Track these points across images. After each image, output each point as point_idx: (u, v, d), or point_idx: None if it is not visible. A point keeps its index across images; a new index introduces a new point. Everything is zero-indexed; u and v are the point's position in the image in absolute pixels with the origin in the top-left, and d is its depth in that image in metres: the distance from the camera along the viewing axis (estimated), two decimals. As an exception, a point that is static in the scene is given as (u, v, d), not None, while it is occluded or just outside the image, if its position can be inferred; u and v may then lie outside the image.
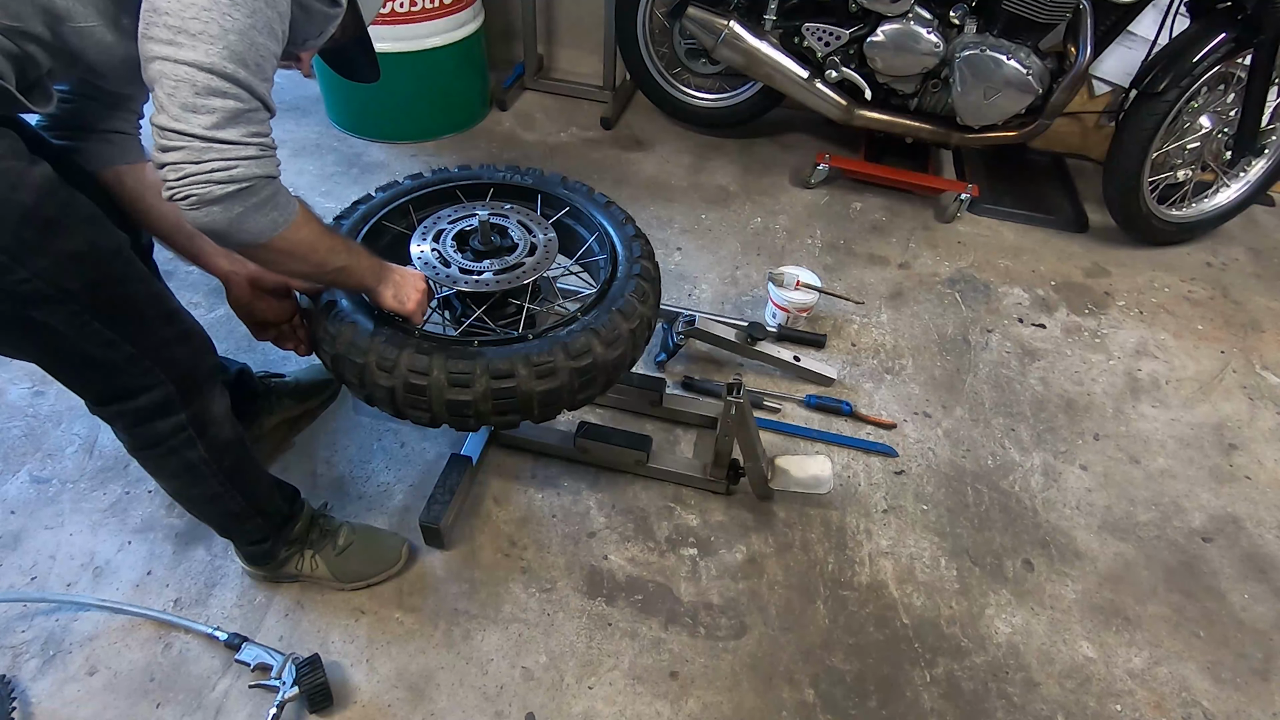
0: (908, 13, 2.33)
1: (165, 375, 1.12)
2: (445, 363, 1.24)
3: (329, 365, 1.35)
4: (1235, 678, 1.49)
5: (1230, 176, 2.51)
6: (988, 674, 1.46)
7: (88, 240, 0.99)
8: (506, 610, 1.51)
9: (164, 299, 1.13)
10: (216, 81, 0.87)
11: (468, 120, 2.99)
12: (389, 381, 1.26)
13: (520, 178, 1.64)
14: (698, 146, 2.95)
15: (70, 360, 1.07)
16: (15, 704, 1.32)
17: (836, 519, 1.70)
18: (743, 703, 1.40)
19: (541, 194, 1.61)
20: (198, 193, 0.89)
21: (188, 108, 0.86)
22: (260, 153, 0.93)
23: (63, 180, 0.98)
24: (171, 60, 0.85)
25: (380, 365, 1.26)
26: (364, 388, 1.30)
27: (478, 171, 1.65)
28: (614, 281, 1.42)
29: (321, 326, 1.33)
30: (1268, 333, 2.28)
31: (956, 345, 2.15)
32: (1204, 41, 2.16)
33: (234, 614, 1.48)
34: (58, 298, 0.98)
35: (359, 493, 1.70)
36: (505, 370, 1.25)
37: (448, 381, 1.24)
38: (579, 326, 1.32)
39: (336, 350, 1.30)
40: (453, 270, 1.39)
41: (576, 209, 1.59)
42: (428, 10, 2.57)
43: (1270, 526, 1.75)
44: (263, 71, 0.92)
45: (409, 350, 1.25)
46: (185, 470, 1.23)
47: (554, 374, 1.27)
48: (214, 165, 0.89)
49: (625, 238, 1.51)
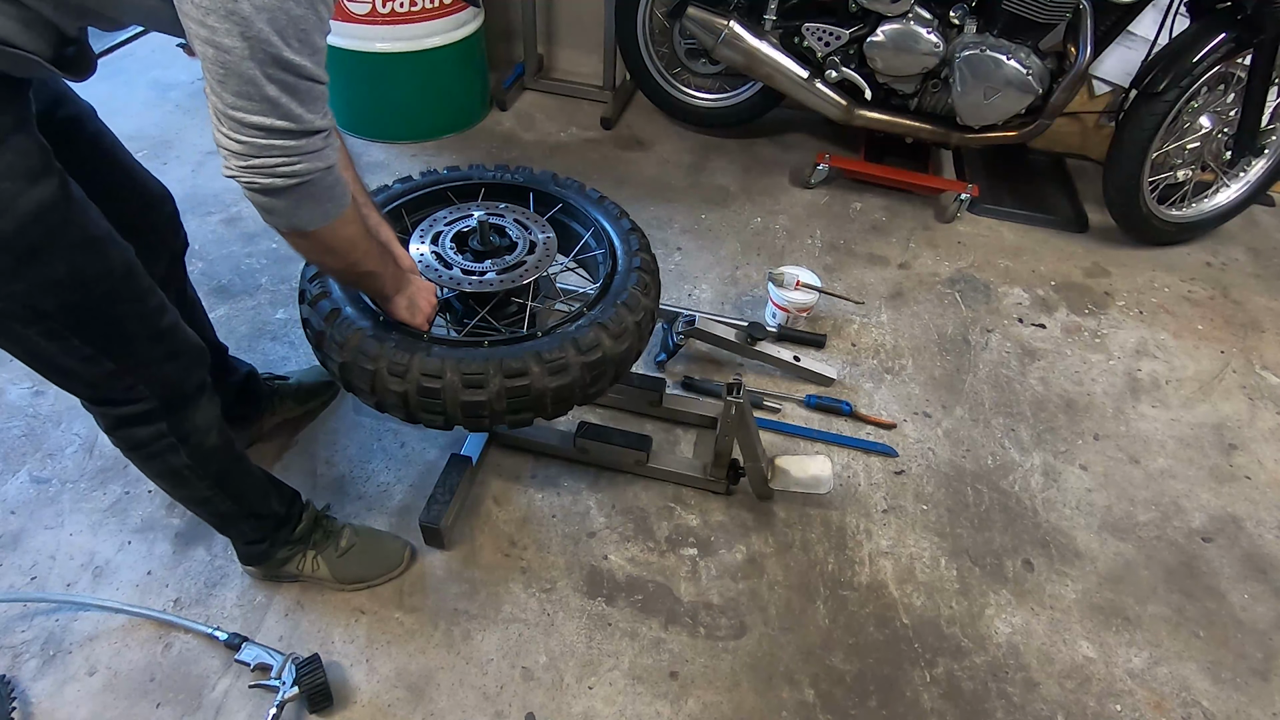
0: (908, 13, 2.33)
1: (149, 391, 1.11)
2: (458, 364, 1.24)
3: (336, 373, 1.34)
4: (1235, 678, 1.49)
5: (1230, 176, 2.51)
6: (988, 674, 1.46)
7: (71, 267, 0.95)
8: (506, 610, 1.51)
9: (156, 317, 1.09)
10: (260, 70, 0.81)
11: (468, 120, 2.99)
12: (401, 386, 1.25)
13: (511, 176, 1.63)
14: (698, 146, 2.95)
15: (50, 368, 1.06)
16: (15, 704, 1.32)
17: (836, 519, 1.70)
18: (743, 703, 1.40)
19: (534, 191, 1.61)
20: (261, 182, 0.88)
21: (241, 95, 0.82)
22: (323, 143, 0.90)
23: (68, 199, 0.94)
24: (213, 45, 0.79)
25: (392, 370, 1.25)
26: (375, 394, 1.29)
27: (468, 172, 1.65)
28: (615, 275, 1.42)
29: (327, 335, 1.32)
30: (1268, 333, 2.28)
31: (956, 345, 2.15)
32: (1204, 41, 2.16)
33: (234, 614, 1.48)
34: (30, 317, 0.96)
35: (359, 493, 1.70)
36: (518, 369, 1.25)
37: (462, 383, 1.24)
38: (586, 321, 1.32)
39: (344, 358, 1.29)
40: (455, 272, 1.39)
41: (570, 205, 1.59)
42: (428, 10, 2.57)
43: (1270, 526, 1.75)
44: (310, 43, 0.84)
45: (420, 354, 1.25)
46: (170, 473, 1.23)
47: (566, 370, 1.27)
48: (276, 161, 0.87)
49: (622, 231, 1.51)
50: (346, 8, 2.49)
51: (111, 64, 3.18)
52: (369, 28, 2.54)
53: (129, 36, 3.33)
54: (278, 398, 1.76)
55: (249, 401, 1.70)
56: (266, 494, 1.40)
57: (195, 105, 2.96)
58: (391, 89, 2.73)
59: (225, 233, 2.36)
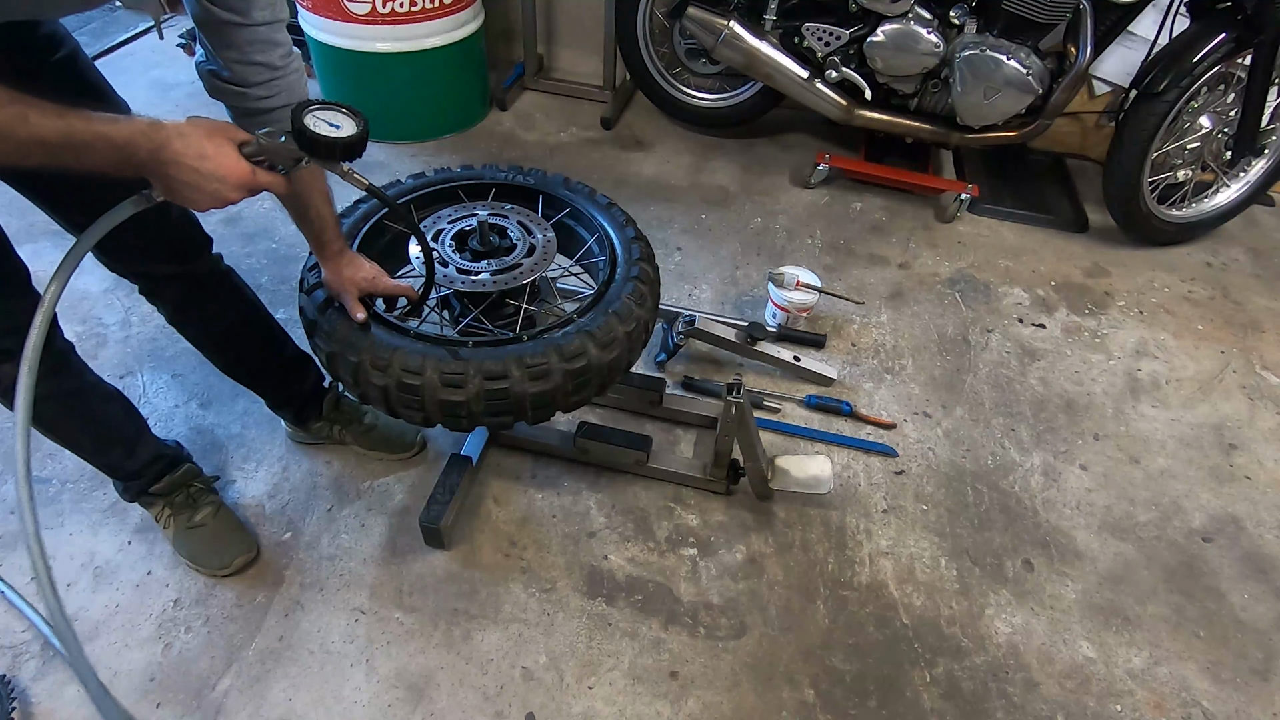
0: (908, 13, 2.33)
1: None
2: (439, 363, 1.24)
3: (324, 362, 1.35)
4: (1235, 678, 1.49)
5: (1230, 176, 2.51)
6: (988, 674, 1.46)
7: None
8: (506, 610, 1.51)
9: None
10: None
11: (468, 120, 2.99)
12: (383, 380, 1.26)
13: (522, 178, 1.63)
14: (698, 146, 2.95)
15: None
16: (15, 704, 1.32)
17: (836, 519, 1.70)
18: (743, 703, 1.40)
19: (544, 194, 1.61)
20: None
21: None
22: None
23: None
24: None
25: (375, 364, 1.26)
26: (359, 385, 1.31)
27: (480, 171, 1.65)
28: (611, 284, 1.42)
29: (318, 324, 1.33)
30: (1268, 333, 2.28)
31: (956, 345, 2.15)
32: (1204, 41, 2.16)
33: (234, 614, 1.48)
34: None
35: (359, 492, 1.70)
36: (498, 371, 1.25)
37: (441, 382, 1.24)
38: (574, 328, 1.32)
39: (331, 348, 1.30)
40: (450, 270, 1.39)
41: (577, 210, 1.59)
42: (428, 10, 2.57)
43: (1270, 526, 1.75)
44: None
45: (403, 350, 1.26)
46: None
47: (548, 375, 1.27)
48: None
49: (625, 240, 1.50)
50: (346, 8, 2.49)
51: (111, 64, 3.18)
52: (369, 28, 2.54)
53: (129, 36, 3.33)
54: (339, 425, 1.75)
55: (296, 402, 1.73)
56: (108, 447, 1.46)
57: (195, 105, 2.96)
58: (391, 89, 2.73)
59: (225, 233, 2.36)
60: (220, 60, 1.05)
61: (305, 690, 1.38)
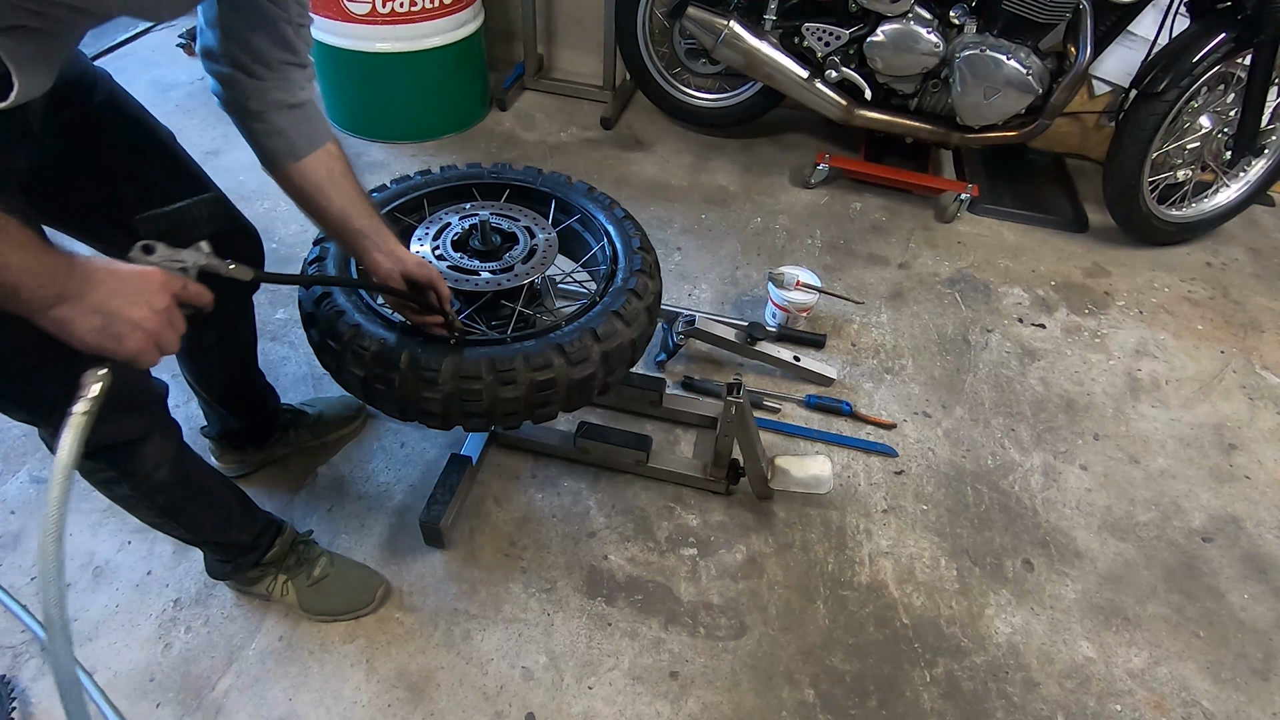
0: (908, 13, 2.33)
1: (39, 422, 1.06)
2: (416, 358, 1.24)
3: (315, 351, 1.35)
4: (1235, 678, 1.49)
5: (1230, 176, 2.51)
6: (988, 674, 1.46)
7: None
8: (506, 610, 1.51)
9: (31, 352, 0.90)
10: None
11: (468, 120, 2.99)
12: (361, 370, 1.26)
13: (539, 182, 1.62)
14: (698, 146, 2.94)
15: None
16: (15, 704, 1.32)
17: (836, 519, 1.70)
18: (743, 703, 1.40)
19: (556, 199, 1.60)
20: None
21: None
22: None
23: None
24: None
25: (356, 354, 1.26)
26: (341, 374, 1.31)
27: (498, 170, 1.64)
28: (602, 298, 1.39)
29: (314, 315, 1.32)
30: (1268, 333, 2.28)
31: (956, 345, 2.15)
32: (1204, 41, 2.16)
33: (234, 614, 1.48)
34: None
35: (359, 493, 1.70)
36: (471, 372, 1.24)
37: (415, 377, 1.24)
38: (542, 342, 1.28)
39: (319, 337, 1.31)
40: (443, 267, 1.39)
41: (589, 216, 1.56)
42: (428, 10, 2.57)
43: (1270, 526, 1.75)
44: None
45: (382, 342, 1.26)
46: (117, 499, 1.20)
47: (514, 383, 1.25)
48: None
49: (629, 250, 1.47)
50: (346, 8, 2.49)
51: (111, 63, 3.18)
52: (369, 28, 2.54)
53: (129, 36, 3.33)
54: (293, 430, 1.72)
55: (259, 428, 1.68)
56: (228, 524, 1.36)
57: (195, 105, 2.96)
58: (391, 89, 2.73)
59: (225, 233, 2.36)
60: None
61: (305, 690, 1.38)
